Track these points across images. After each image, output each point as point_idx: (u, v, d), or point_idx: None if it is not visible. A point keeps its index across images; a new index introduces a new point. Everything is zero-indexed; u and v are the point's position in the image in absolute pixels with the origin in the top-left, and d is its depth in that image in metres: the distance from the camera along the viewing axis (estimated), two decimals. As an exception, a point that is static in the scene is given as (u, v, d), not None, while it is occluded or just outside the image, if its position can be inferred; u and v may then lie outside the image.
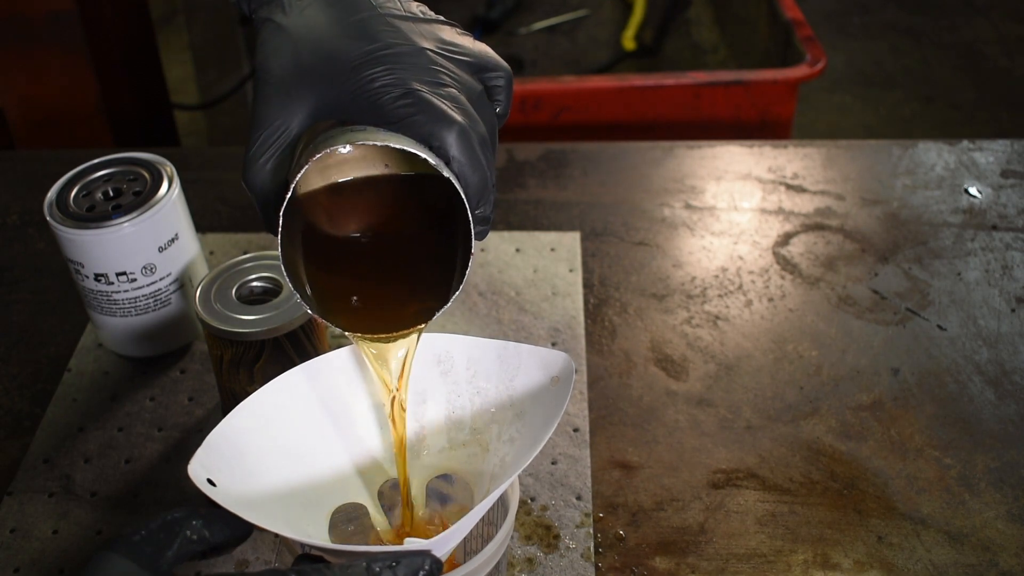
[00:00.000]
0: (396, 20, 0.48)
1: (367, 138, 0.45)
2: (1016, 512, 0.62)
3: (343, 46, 0.47)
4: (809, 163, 0.90)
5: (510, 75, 0.51)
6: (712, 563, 0.59)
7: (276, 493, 0.49)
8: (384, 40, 0.47)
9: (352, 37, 0.47)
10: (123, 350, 0.72)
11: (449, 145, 0.46)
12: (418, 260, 0.51)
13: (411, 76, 0.46)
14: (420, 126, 0.46)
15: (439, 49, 0.48)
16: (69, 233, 0.65)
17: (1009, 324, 0.74)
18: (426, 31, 0.49)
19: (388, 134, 0.45)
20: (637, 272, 0.79)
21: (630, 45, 1.68)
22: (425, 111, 0.46)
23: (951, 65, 2.40)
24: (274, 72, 0.47)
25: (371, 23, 0.48)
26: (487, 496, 0.50)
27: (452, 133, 0.46)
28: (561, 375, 0.49)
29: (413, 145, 0.44)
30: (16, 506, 0.63)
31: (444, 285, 0.48)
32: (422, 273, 0.50)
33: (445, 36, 0.50)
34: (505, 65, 0.51)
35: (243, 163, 0.46)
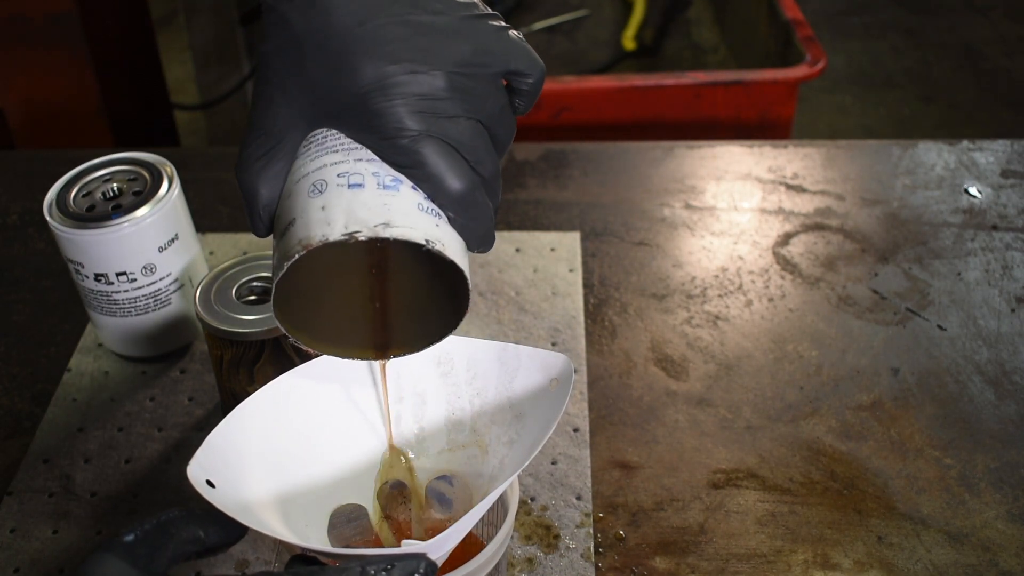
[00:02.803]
0: (420, 24, 0.43)
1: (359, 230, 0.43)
2: (1016, 512, 0.62)
3: (352, 62, 0.42)
4: (809, 163, 0.90)
5: (540, 77, 0.47)
6: (712, 563, 0.59)
7: (275, 494, 0.49)
8: (399, 60, 0.43)
9: (364, 52, 0.42)
10: (123, 350, 0.72)
11: (445, 206, 0.44)
12: (410, 297, 0.50)
13: (421, 117, 0.43)
14: (419, 181, 0.44)
15: (463, 68, 0.44)
16: (69, 233, 0.65)
17: (1009, 324, 0.74)
18: (454, 37, 0.44)
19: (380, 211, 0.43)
20: (637, 272, 0.79)
21: (630, 45, 1.68)
22: (426, 170, 0.43)
23: (951, 65, 2.40)
24: (277, 72, 0.44)
25: (388, 32, 0.43)
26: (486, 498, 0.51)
27: (451, 198, 0.44)
28: (560, 377, 0.49)
29: (407, 233, 0.42)
30: (16, 506, 0.63)
31: (431, 329, 0.48)
32: (411, 311, 0.50)
33: (476, 39, 0.44)
34: (537, 66, 0.46)
35: (237, 159, 0.46)
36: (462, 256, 0.44)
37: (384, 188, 0.43)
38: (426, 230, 0.42)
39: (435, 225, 0.43)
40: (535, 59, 0.46)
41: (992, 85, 2.33)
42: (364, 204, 0.42)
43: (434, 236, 0.43)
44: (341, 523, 0.52)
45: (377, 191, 0.43)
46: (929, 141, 0.92)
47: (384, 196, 0.43)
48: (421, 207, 0.43)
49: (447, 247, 0.43)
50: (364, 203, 0.42)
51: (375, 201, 0.42)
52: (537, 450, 0.46)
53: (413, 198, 0.43)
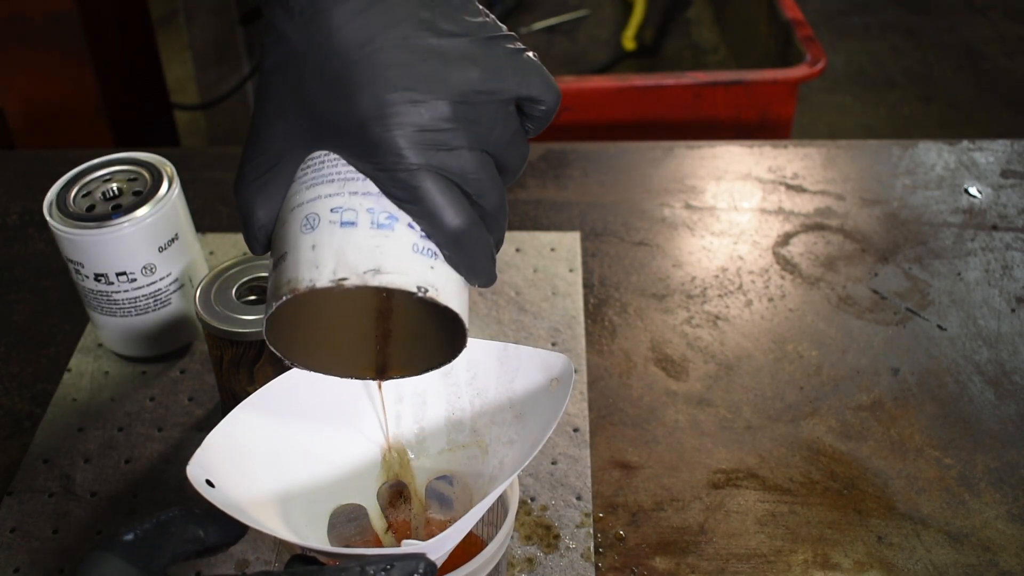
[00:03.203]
0: (425, 48, 0.41)
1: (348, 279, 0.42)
2: (1016, 512, 0.62)
3: (351, 88, 0.41)
4: (809, 163, 0.90)
5: (555, 103, 0.44)
6: (712, 563, 0.59)
7: (275, 494, 0.49)
8: (400, 88, 0.40)
9: (363, 78, 0.40)
10: (123, 350, 0.72)
11: (441, 244, 0.42)
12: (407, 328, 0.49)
13: (420, 149, 0.41)
14: (415, 217, 0.42)
15: (469, 97, 0.41)
16: (69, 233, 0.65)
17: (1009, 324, 0.74)
18: (461, 62, 0.41)
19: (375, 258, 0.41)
20: (637, 272, 0.79)
21: (630, 45, 1.68)
22: (423, 205, 0.41)
23: (951, 65, 2.40)
24: (276, 91, 0.42)
25: (390, 56, 0.40)
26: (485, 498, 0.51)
27: (446, 236, 0.42)
28: (560, 377, 0.49)
29: (397, 280, 0.41)
30: (16, 506, 0.63)
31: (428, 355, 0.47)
32: (411, 339, 0.49)
33: (486, 64, 0.42)
34: (551, 91, 0.44)
35: (236, 176, 0.45)
36: (458, 295, 0.43)
37: (378, 227, 0.41)
38: (419, 275, 0.41)
39: (429, 268, 0.42)
40: (550, 84, 0.44)
41: (992, 85, 2.33)
42: (355, 246, 0.41)
43: (428, 281, 0.41)
44: (341, 523, 0.52)
45: (370, 231, 0.41)
46: (929, 141, 0.92)
47: (377, 237, 0.41)
48: (416, 248, 0.42)
49: (441, 291, 0.42)
50: (355, 245, 0.41)
51: (367, 243, 0.41)
52: (537, 450, 0.46)
53: (408, 238, 0.42)
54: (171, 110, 1.73)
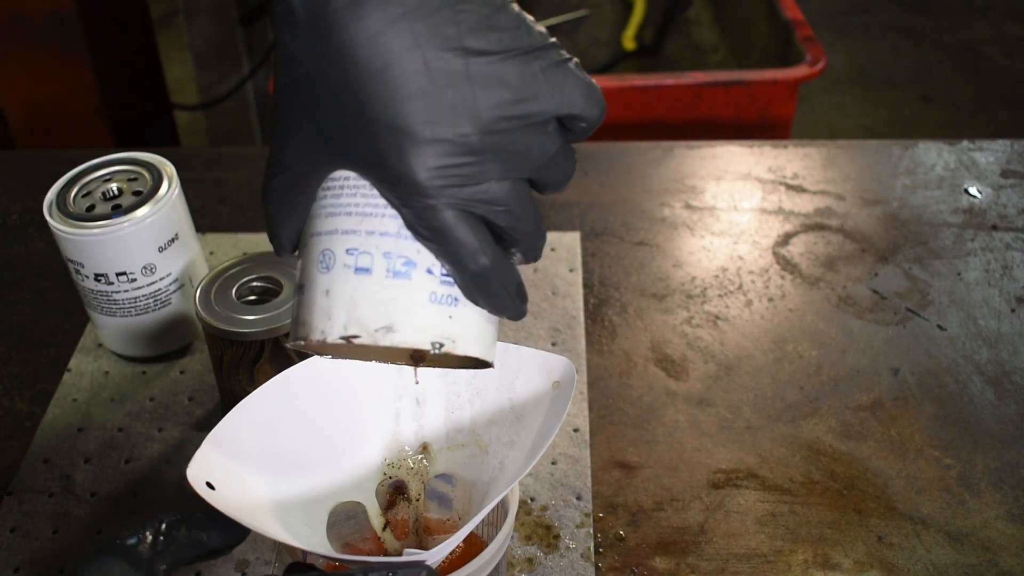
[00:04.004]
0: (450, 73, 0.37)
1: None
2: (1016, 512, 0.62)
3: (368, 119, 0.37)
4: (809, 163, 0.90)
5: (597, 117, 0.41)
6: (712, 563, 0.59)
7: (275, 493, 0.49)
8: (421, 119, 0.37)
9: (381, 108, 0.37)
10: (123, 350, 0.71)
11: (462, 287, 0.41)
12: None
13: (443, 185, 0.38)
14: (437, 256, 0.40)
15: (499, 124, 0.38)
16: (69, 233, 0.65)
17: (1009, 324, 0.74)
18: (491, 84, 0.38)
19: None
20: (637, 272, 0.79)
21: (630, 45, 1.68)
22: (445, 245, 0.39)
23: (951, 65, 2.40)
24: (291, 109, 0.40)
25: (410, 85, 0.37)
26: (485, 498, 0.51)
27: (467, 279, 0.40)
28: (563, 381, 0.49)
29: (410, 339, 0.39)
30: (16, 506, 0.63)
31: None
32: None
33: (520, 84, 0.38)
34: (595, 106, 0.41)
35: (262, 188, 0.43)
36: (479, 336, 0.42)
37: (393, 276, 0.39)
38: (435, 330, 0.40)
39: (448, 317, 0.40)
40: (593, 97, 0.40)
41: (992, 85, 2.33)
42: (368, 299, 0.39)
43: (444, 334, 0.40)
44: (340, 521, 0.52)
45: (385, 280, 0.39)
46: (929, 141, 0.92)
47: (391, 288, 0.39)
48: (434, 297, 0.40)
49: (460, 340, 0.40)
50: (368, 297, 0.39)
51: (380, 295, 0.39)
52: (538, 457, 0.45)
53: (426, 287, 0.40)
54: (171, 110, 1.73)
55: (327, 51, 0.37)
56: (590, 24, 1.76)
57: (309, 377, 0.52)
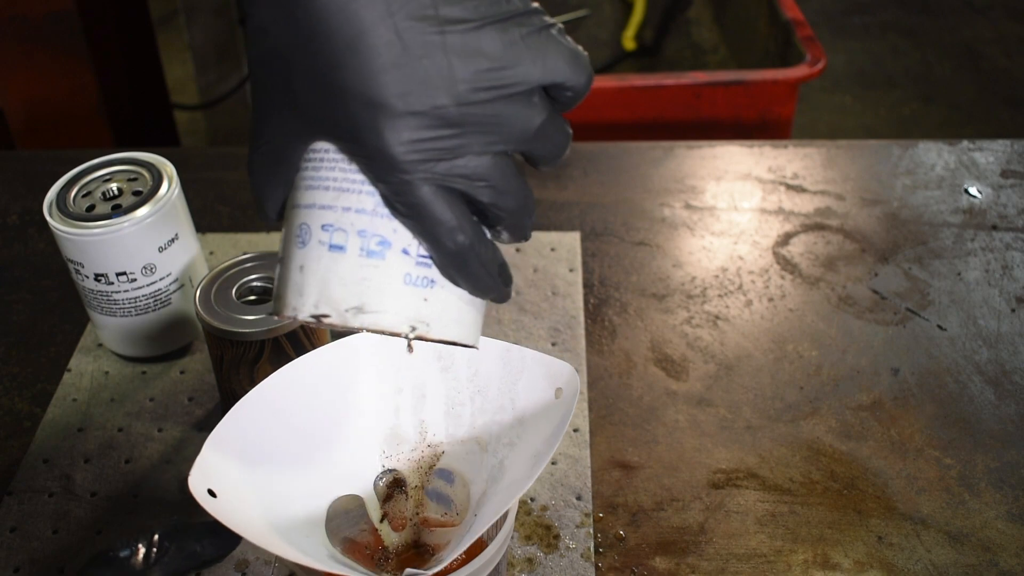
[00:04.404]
0: (424, 42, 0.36)
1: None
2: (1016, 512, 0.62)
3: (341, 91, 0.36)
4: (809, 163, 0.90)
5: (584, 86, 0.39)
6: (712, 563, 0.59)
7: (276, 489, 0.49)
8: (395, 92, 0.36)
9: (354, 80, 0.36)
10: (123, 350, 0.71)
11: (439, 266, 0.39)
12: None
13: (419, 158, 0.37)
14: (414, 233, 0.39)
15: (476, 94, 0.36)
16: (69, 233, 0.65)
17: (1009, 324, 0.74)
18: (467, 53, 0.36)
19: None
20: (637, 272, 0.79)
21: (630, 45, 1.68)
22: (421, 221, 0.38)
23: (951, 65, 2.40)
24: (264, 83, 0.39)
25: (383, 55, 0.36)
26: (484, 498, 0.51)
27: (444, 257, 0.39)
28: (566, 388, 0.49)
29: (381, 321, 0.38)
30: (16, 506, 0.63)
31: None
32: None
33: (499, 52, 0.37)
34: (581, 74, 0.39)
35: (247, 161, 0.43)
36: (458, 319, 0.41)
37: (367, 255, 0.38)
38: (408, 312, 0.39)
39: (423, 300, 0.39)
40: (578, 64, 0.39)
41: (992, 85, 2.33)
42: (340, 277, 0.38)
43: (419, 317, 0.39)
44: (339, 515, 0.52)
45: (358, 259, 0.38)
46: (929, 141, 0.92)
47: (364, 268, 0.38)
48: (408, 278, 0.39)
49: (435, 324, 0.39)
50: (340, 276, 0.38)
51: (352, 274, 0.38)
52: (540, 469, 0.45)
53: (400, 267, 0.39)
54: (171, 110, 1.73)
55: (298, 21, 0.36)
56: (590, 24, 1.77)
57: (307, 372, 0.52)
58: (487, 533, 0.53)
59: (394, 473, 0.54)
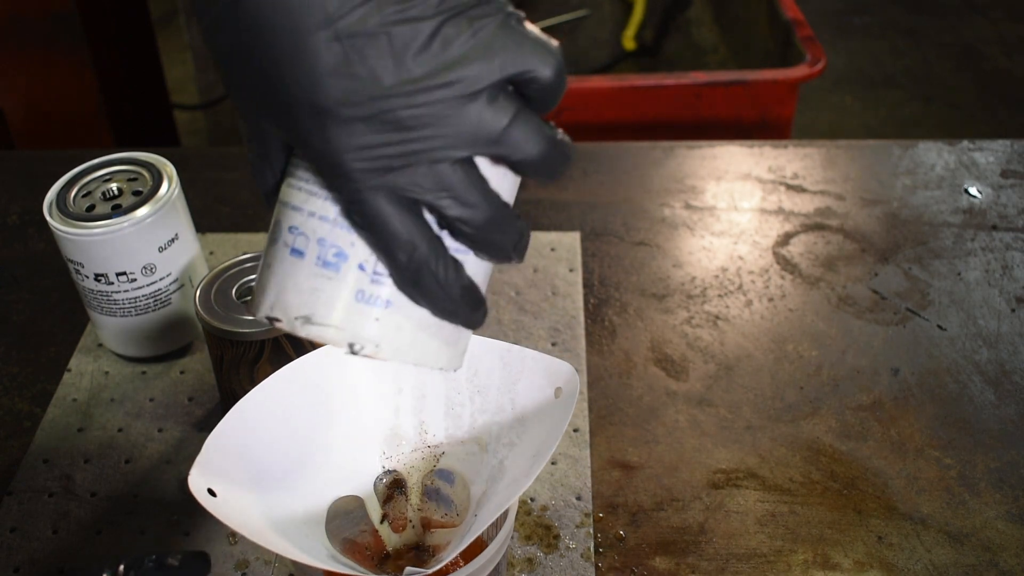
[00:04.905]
0: (363, 43, 0.33)
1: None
2: (1016, 512, 0.62)
3: (287, 104, 0.35)
4: (809, 163, 0.90)
5: (553, 74, 0.36)
6: (712, 563, 0.59)
7: (276, 490, 0.49)
8: (337, 96, 0.34)
9: (300, 92, 0.34)
10: (123, 350, 0.71)
11: (397, 285, 0.37)
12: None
13: (368, 166, 0.35)
14: (372, 246, 0.37)
15: (424, 95, 0.34)
16: (69, 233, 0.65)
17: (1009, 324, 0.74)
18: (409, 50, 0.34)
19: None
20: (637, 272, 0.79)
21: (630, 45, 1.69)
22: (373, 233, 0.36)
23: (951, 65, 2.40)
24: (231, 88, 0.37)
25: (322, 59, 0.33)
26: (484, 498, 0.51)
27: (396, 273, 0.37)
28: (565, 388, 0.49)
29: (325, 334, 0.37)
30: (16, 506, 0.63)
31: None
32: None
33: (445, 49, 0.34)
34: (547, 61, 0.35)
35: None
36: (413, 343, 0.39)
37: (323, 265, 0.37)
38: (355, 330, 0.37)
39: (373, 319, 0.37)
40: (543, 55, 0.35)
41: (992, 85, 2.33)
42: (295, 284, 0.38)
43: (366, 336, 0.37)
44: (339, 516, 0.52)
45: (314, 267, 0.37)
46: (929, 141, 0.92)
47: (318, 277, 0.37)
48: (361, 296, 0.37)
49: (385, 346, 0.38)
50: (295, 283, 0.38)
51: (306, 283, 0.37)
52: (540, 468, 0.45)
53: (353, 283, 0.37)
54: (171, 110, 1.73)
55: (239, 26, 0.34)
56: (590, 24, 1.77)
57: (307, 372, 0.52)
58: (487, 533, 0.53)
59: (394, 474, 0.54)
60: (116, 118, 1.43)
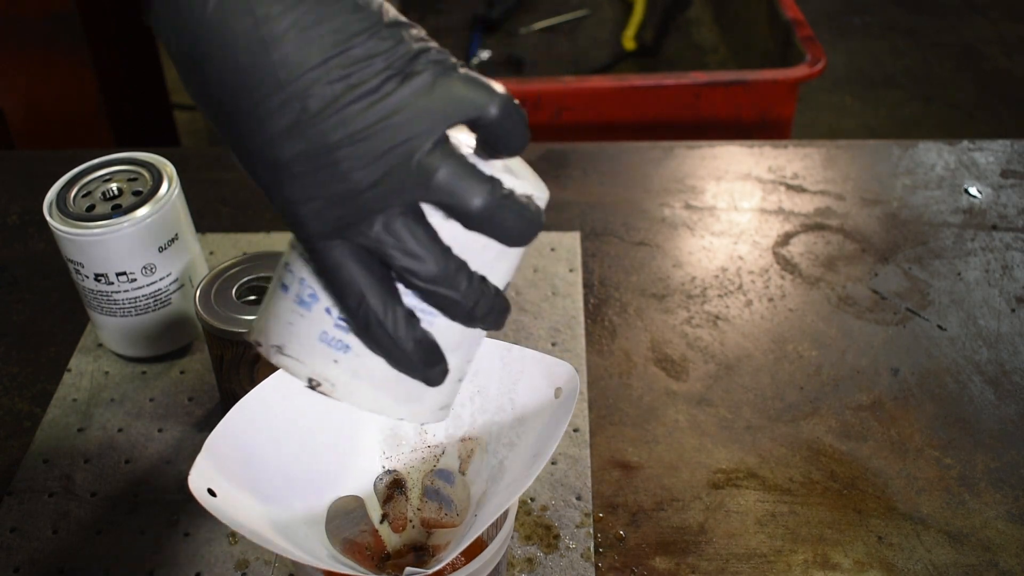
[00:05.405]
0: (313, 111, 0.35)
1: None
2: (1016, 512, 0.62)
3: (247, 151, 0.36)
4: (809, 163, 0.90)
5: (498, 109, 0.36)
6: (712, 563, 0.59)
7: (275, 491, 0.49)
8: (288, 149, 0.35)
9: (253, 138, 0.36)
10: (123, 350, 0.71)
11: (358, 335, 0.39)
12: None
13: (325, 221, 0.36)
14: (330, 294, 0.38)
15: (362, 142, 0.35)
16: (69, 233, 0.65)
17: (1009, 324, 0.74)
18: (356, 104, 0.35)
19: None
20: (637, 272, 0.79)
21: (630, 45, 1.69)
22: (331, 286, 0.38)
23: (951, 65, 2.40)
24: (215, 126, 0.38)
25: (275, 121, 0.35)
26: (484, 498, 0.51)
27: (351, 321, 0.38)
28: (565, 388, 0.49)
29: (291, 366, 0.40)
30: (16, 506, 0.63)
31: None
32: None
33: (398, 90, 0.35)
34: (493, 97, 0.36)
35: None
36: (366, 391, 0.40)
37: (299, 303, 0.40)
38: (316, 368, 0.39)
39: (332, 361, 0.39)
40: (486, 92, 0.36)
41: (992, 85, 2.33)
42: (275, 316, 0.40)
43: (324, 376, 0.39)
44: (339, 516, 0.52)
45: (292, 304, 0.40)
46: (929, 141, 0.92)
47: (293, 314, 0.40)
48: (324, 337, 0.39)
49: (340, 387, 0.40)
50: (276, 315, 0.40)
51: (284, 317, 0.40)
52: (540, 467, 0.45)
53: (319, 324, 0.39)
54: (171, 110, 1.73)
55: (208, 77, 0.36)
56: (590, 24, 1.77)
57: None
58: (487, 533, 0.53)
59: (394, 474, 0.54)
60: (116, 118, 1.43)
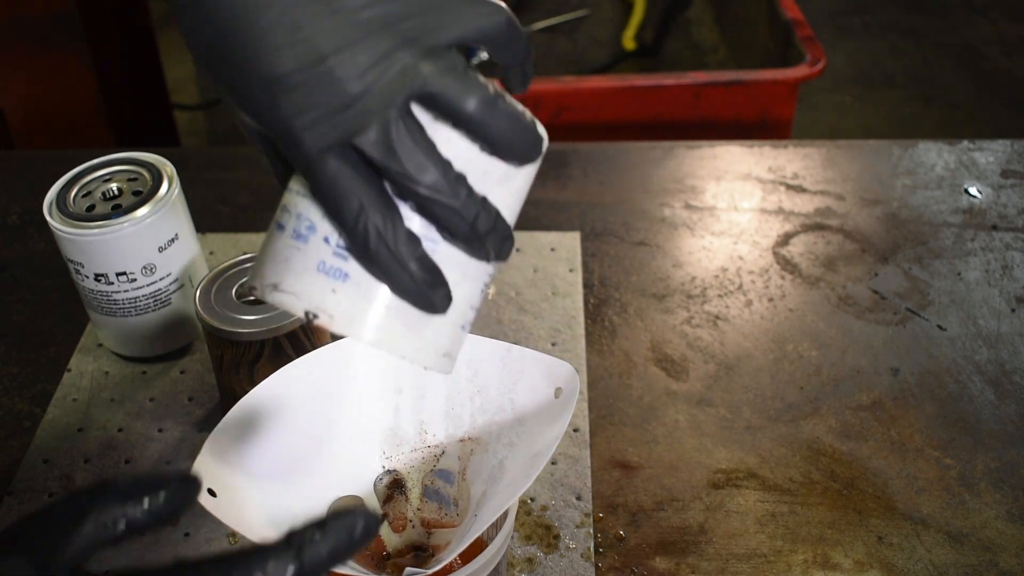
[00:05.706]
0: (314, 23, 0.35)
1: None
2: (1016, 512, 0.62)
3: (244, 73, 0.36)
4: (809, 163, 0.90)
5: (502, 27, 0.37)
6: (712, 563, 0.59)
7: (275, 490, 0.49)
8: (282, 61, 0.35)
9: (250, 56, 0.36)
10: (123, 350, 0.71)
11: (355, 255, 0.38)
12: None
13: (316, 131, 0.36)
14: (327, 215, 0.38)
15: (356, 45, 0.35)
16: (69, 233, 0.65)
17: (1009, 324, 0.74)
18: (352, 9, 0.35)
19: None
20: (637, 272, 0.79)
21: (630, 45, 1.69)
22: (327, 202, 0.37)
23: (951, 65, 2.40)
24: (209, 76, 0.38)
25: (262, 35, 0.36)
26: (483, 498, 0.51)
27: (354, 245, 0.37)
28: (565, 388, 0.49)
29: (287, 301, 0.39)
30: (16, 506, 0.63)
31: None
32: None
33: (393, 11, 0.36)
34: (495, 15, 0.37)
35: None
36: (364, 320, 0.39)
37: (295, 237, 0.39)
38: (313, 299, 0.38)
39: (330, 291, 0.38)
40: (490, 9, 0.37)
41: (992, 85, 2.33)
42: (272, 255, 0.40)
43: (322, 306, 0.38)
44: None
45: (288, 240, 0.39)
46: (929, 141, 0.92)
47: (289, 249, 0.39)
48: (322, 267, 0.38)
49: (339, 317, 0.38)
50: (273, 253, 0.40)
51: (280, 254, 0.39)
52: (540, 467, 0.45)
53: (316, 254, 0.39)
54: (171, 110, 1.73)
55: (204, 7, 0.36)
56: (590, 24, 1.77)
57: (307, 372, 0.52)
58: (487, 533, 0.53)
59: (394, 474, 0.54)
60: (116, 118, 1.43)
